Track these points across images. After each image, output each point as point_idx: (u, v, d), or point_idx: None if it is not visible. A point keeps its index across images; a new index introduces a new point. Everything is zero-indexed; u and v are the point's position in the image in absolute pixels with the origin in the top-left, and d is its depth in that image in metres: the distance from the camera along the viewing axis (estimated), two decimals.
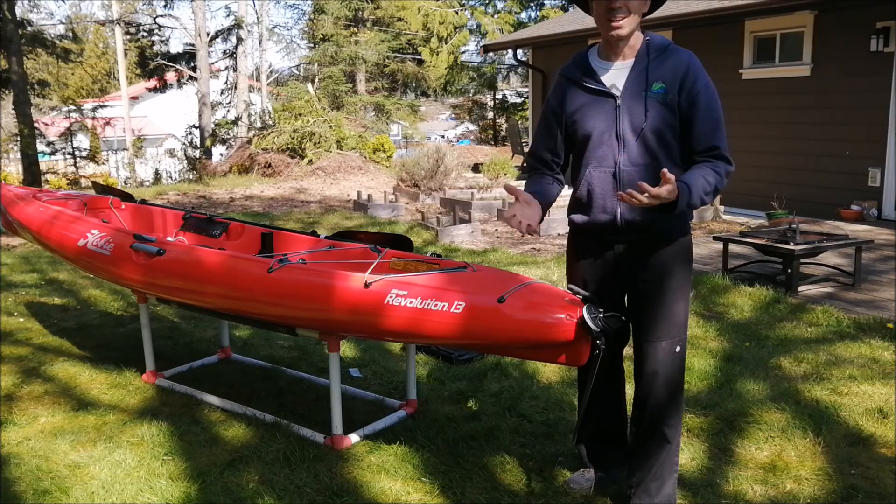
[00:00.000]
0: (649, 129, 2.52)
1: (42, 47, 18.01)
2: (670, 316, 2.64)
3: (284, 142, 16.00)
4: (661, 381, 2.67)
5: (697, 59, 2.58)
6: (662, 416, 2.70)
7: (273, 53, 55.29)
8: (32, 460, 3.28)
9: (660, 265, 2.63)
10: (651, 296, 2.64)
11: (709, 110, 2.52)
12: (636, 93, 2.53)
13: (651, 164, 2.54)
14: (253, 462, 3.22)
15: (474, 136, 29.57)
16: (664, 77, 2.52)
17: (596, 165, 2.60)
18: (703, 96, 2.52)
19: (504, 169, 13.21)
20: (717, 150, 2.54)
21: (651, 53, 2.55)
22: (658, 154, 2.54)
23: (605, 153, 2.58)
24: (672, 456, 2.75)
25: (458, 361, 4.39)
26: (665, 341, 2.65)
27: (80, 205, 4.65)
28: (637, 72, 2.55)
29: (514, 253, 7.77)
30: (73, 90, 31.66)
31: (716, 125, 2.54)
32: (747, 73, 10.47)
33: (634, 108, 2.53)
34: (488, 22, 25.22)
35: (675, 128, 2.54)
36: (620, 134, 2.55)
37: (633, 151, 2.55)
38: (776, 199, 9.38)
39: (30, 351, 4.76)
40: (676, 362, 2.68)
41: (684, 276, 2.68)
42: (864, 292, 5.88)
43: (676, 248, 2.64)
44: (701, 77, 2.54)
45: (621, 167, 2.56)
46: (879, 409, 3.61)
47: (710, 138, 2.53)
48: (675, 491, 2.79)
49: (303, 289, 3.17)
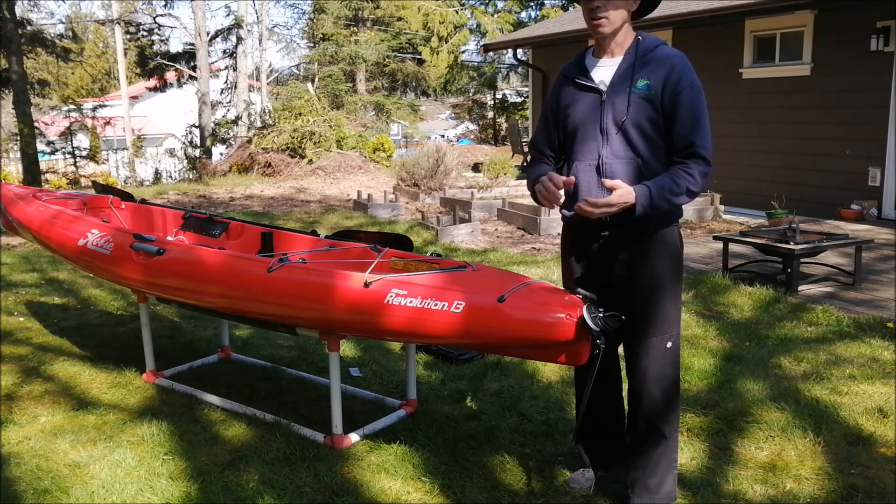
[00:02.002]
0: (630, 123, 2.57)
1: (42, 47, 18.03)
2: (657, 311, 2.64)
3: (284, 141, 16.00)
4: (653, 378, 2.67)
5: (686, 60, 2.60)
6: (656, 413, 2.70)
7: (273, 53, 55.33)
8: (32, 460, 3.28)
9: (642, 259, 2.64)
10: (635, 291, 2.66)
11: (690, 108, 2.54)
12: (621, 88, 2.59)
13: (633, 159, 2.59)
14: (253, 461, 3.22)
15: (474, 135, 29.57)
16: (650, 75, 2.57)
17: (582, 159, 2.67)
18: (686, 95, 2.54)
19: (504, 168, 13.20)
20: (693, 148, 2.54)
21: (639, 52, 2.61)
22: (640, 149, 2.59)
23: (591, 147, 2.65)
24: (670, 453, 2.75)
25: (458, 361, 4.39)
26: (654, 338, 2.65)
27: (79, 204, 4.65)
28: (623, 68, 2.61)
29: (514, 252, 7.77)
30: (72, 90, 31.65)
31: (695, 123, 2.54)
32: (747, 72, 10.47)
33: (618, 102, 2.59)
34: (488, 21, 25.20)
35: (658, 124, 2.57)
36: (604, 128, 2.62)
37: (615, 145, 2.60)
38: (776, 198, 9.38)
39: (30, 350, 4.76)
40: (668, 358, 2.68)
41: (669, 270, 2.67)
42: (864, 292, 5.88)
43: (659, 242, 2.65)
44: (686, 76, 2.56)
45: (604, 160, 2.62)
46: (879, 409, 3.61)
47: (688, 135, 2.55)
48: (675, 488, 2.79)
49: (303, 288, 3.17)
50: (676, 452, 2.79)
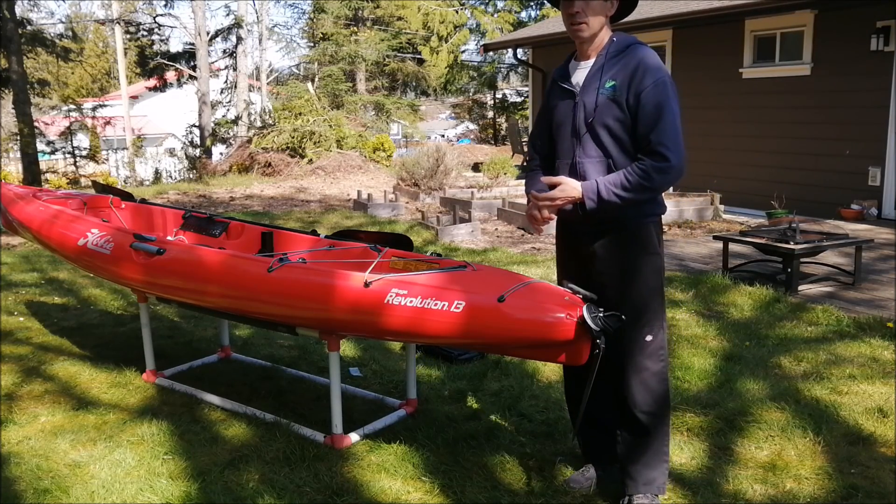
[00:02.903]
0: (597, 123, 2.64)
1: (42, 46, 18.02)
2: (633, 304, 2.66)
3: (284, 141, 16.00)
4: (632, 370, 2.69)
5: (654, 58, 2.61)
6: (639, 407, 2.71)
7: (273, 52, 55.25)
8: (32, 459, 3.28)
9: (616, 253, 2.68)
10: (610, 285, 2.70)
11: (652, 107, 2.54)
12: (591, 89, 2.66)
13: (603, 158, 2.66)
14: (253, 461, 3.22)
15: (474, 135, 29.57)
16: (617, 75, 2.61)
17: (561, 158, 2.78)
18: (650, 93, 2.55)
19: (504, 168, 13.21)
20: (650, 145, 2.54)
21: (610, 53, 2.66)
22: (609, 148, 2.64)
23: (567, 147, 2.75)
24: (659, 446, 2.75)
25: (459, 361, 4.39)
26: (634, 331, 2.66)
27: (79, 204, 4.65)
28: (594, 69, 2.67)
29: (514, 252, 7.77)
30: (72, 89, 31.65)
31: (657, 121, 2.54)
32: (747, 72, 10.47)
33: (587, 103, 2.66)
34: (488, 21, 25.20)
35: (626, 124, 2.61)
36: (576, 128, 2.70)
37: (586, 145, 2.68)
38: (776, 198, 9.38)
39: (30, 350, 4.76)
40: (647, 351, 2.69)
41: (643, 263, 2.68)
42: (864, 291, 5.89)
43: (632, 235, 2.67)
44: (651, 75, 2.56)
45: (577, 159, 2.71)
46: (879, 409, 3.61)
47: (648, 133, 2.55)
48: (664, 480, 2.78)
49: (303, 288, 3.17)
50: (667, 446, 2.78)
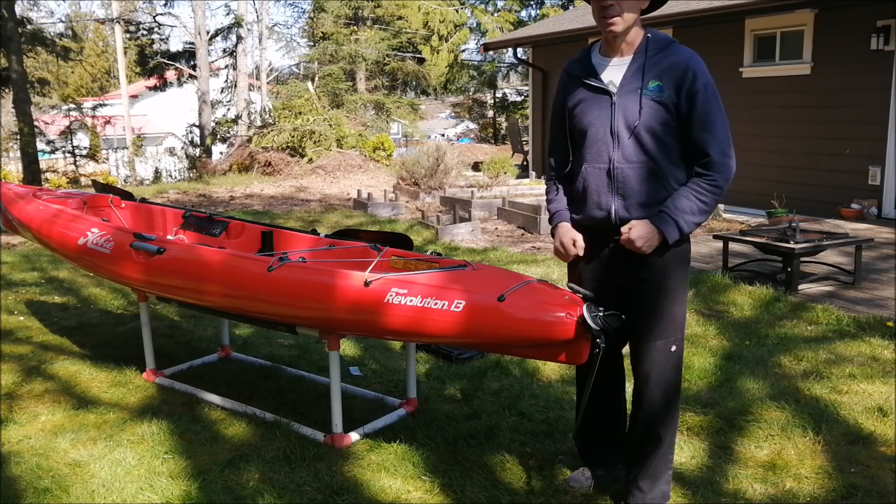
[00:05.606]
0: (643, 127, 2.52)
1: (42, 46, 18.01)
2: (665, 316, 2.63)
3: (284, 140, 16.00)
4: (655, 381, 2.67)
5: (699, 58, 2.55)
6: (656, 416, 2.70)
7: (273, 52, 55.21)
8: (33, 459, 3.28)
9: (655, 265, 2.61)
10: (646, 296, 2.63)
11: (705, 114, 2.49)
12: (632, 90, 2.53)
13: (646, 162, 2.54)
14: (253, 460, 3.22)
15: (474, 134, 29.59)
16: (662, 75, 2.51)
17: (591, 162, 2.62)
18: (701, 97, 2.49)
19: (504, 168, 13.20)
20: (708, 159, 2.51)
21: (650, 50, 2.54)
22: (653, 152, 2.54)
23: (601, 150, 2.59)
24: (666, 454, 2.75)
25: (459, 360, 4.39)
26: (660, 341, 2.64)
27: (80, 203, 4.65)
28: (634, 69, 2.54)
29: (515, 251, 7.77)
30: (72, 88, 31.66)
31: (711, 130, 2.50)
32: (747, 71, 10.46)
33: (629, 105, 2.53)
34: (488, 20, 25.19)
35: (672, 126, 2.52)
36: (615, 131, 2.56)
37: (627, 149, 2.55)
38: (776, 197, 9.37)
39: (30, 349, 4.76)
40: (671, 362, 2.68)
41: (680, 277, 2.67)
42: (865, 291, 5.88)
43: (673, 249, 2.61)
44: (700, 77, 2.51)
45: (615, 164, 2.57)
46: (879, 408, 3.61)
47: (703, 145, 2.51)
48: (669, 487, 2.79)
49: (303, 287, 3.17)
50: (672, 454, 2.79)
